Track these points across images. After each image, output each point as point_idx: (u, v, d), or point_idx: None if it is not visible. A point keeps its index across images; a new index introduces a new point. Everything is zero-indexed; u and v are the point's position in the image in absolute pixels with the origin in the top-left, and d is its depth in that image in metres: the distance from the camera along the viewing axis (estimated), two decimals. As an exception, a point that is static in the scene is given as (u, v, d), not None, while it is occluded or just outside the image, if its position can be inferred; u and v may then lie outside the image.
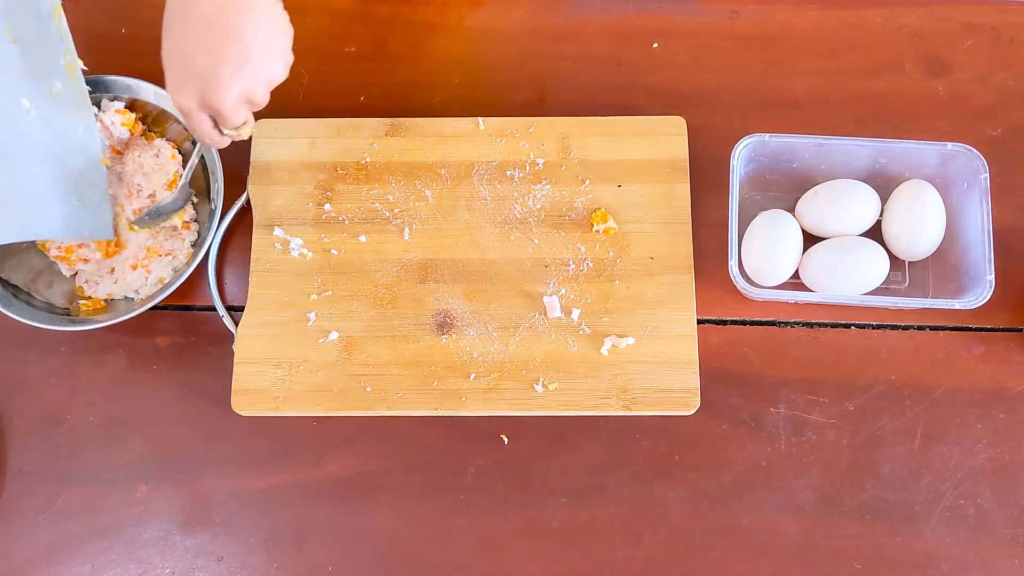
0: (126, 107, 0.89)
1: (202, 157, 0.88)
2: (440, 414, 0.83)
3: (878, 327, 0.86)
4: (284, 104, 0.93)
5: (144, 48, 0.95)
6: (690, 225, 0.86)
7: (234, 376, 0.84)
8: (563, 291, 0.85)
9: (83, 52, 0.95)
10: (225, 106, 0.70)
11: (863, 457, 0.82)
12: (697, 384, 0.82)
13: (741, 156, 0.83)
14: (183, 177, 0.85)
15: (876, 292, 0.83)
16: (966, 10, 0.94)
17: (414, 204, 0.88)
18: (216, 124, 0.75)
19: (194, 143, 0.90)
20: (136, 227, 0.86)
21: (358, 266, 0.87)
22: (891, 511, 0.81)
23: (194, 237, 0.89)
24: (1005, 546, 0.80)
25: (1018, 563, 0.80)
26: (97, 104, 0.89)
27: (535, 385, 0.82)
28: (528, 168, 0.89)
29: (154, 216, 0.86)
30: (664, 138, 0.89)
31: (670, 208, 0.87)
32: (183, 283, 0.84)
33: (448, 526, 0.82)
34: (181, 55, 0.69)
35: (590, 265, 0.86)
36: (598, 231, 0.86)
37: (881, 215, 0.86)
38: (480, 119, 0.90)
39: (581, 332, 0.84)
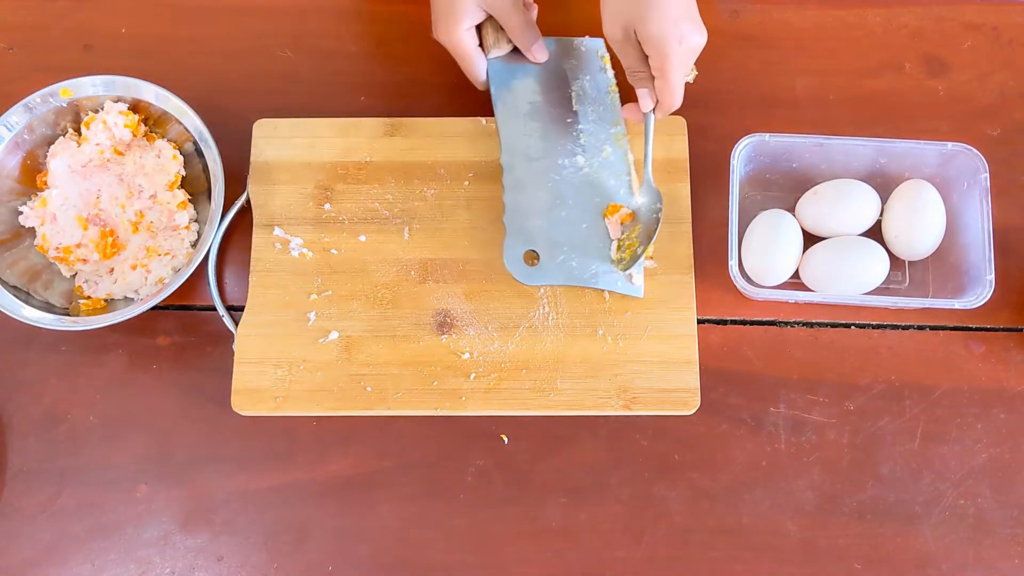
0: (129, 108, 0.90)
1: (204, 160, 0.88)
2: (440, 414, 0.83)
3: (878, 327, 0.86)
4: (284, 104, 0.93)
5: (145, 48, 0.96)
6: (690, 225, 0.86)
7: (234, 376, 0.84)
8: (562, 290, 0.85)
9: (84, 52, 0.96)
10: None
11: (863, 457, 0.82)
12: (697, 384, 0.82)
13: (741, 156, 0.83)
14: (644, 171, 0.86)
15: (876, 292, 0.83)
16: (966, 10, 0.94)
17: (414, 204, 0.88)
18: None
19: (194, 153, 0.89)
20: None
21: (358, 266, 0.87)
22: (891, 511, 0.81)
23: (194, 237, 0.89)
24: (1005, 546, 0.80)
25: (1018, 563, 0.80)
26: (100, 106, 0.90)
27: (535, 385, 0.82)
28: (528, 168, 0.89)
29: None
30: (664, 138, 0.89)
31: (670, 208, 0.87)
32: (183, 283, 0.84)
33: (448, 526, 0.82)
34: None
35: (590, 265, 0.86)
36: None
37: (881, 215, 0.86)
38: (480, 119, 0.90)
39: (581, 332, 0.84)
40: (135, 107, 0.90)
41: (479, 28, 0.87)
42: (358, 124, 0.91)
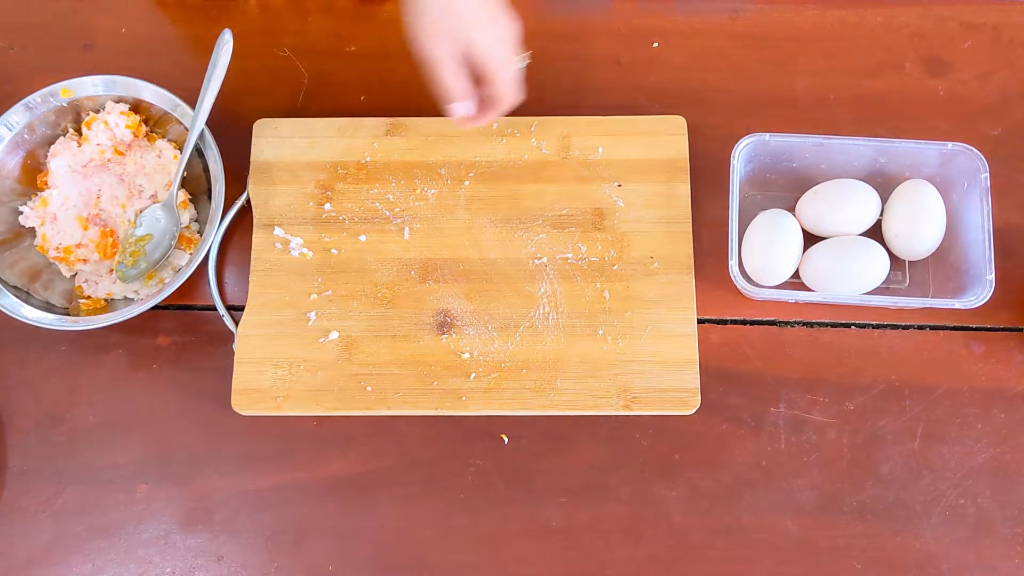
0: (130, 109, 0.90)
1: (204, 160, 0.89)
2: (440, 414, 0.83)
3: (878, 327, 0.86)
4: (284, 104, 0.93)
5: (145, 48, 0.96)
6: (690, 225, 0.87)
7: (234, 376, 0.84)
8: (562, 290, 0.85)
9: (84, 52, 0.96)
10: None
11: (863, 457, 0.82)
12: (697, 384, 0.82)
13: (741, 156, 0.83)
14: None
15: (876, 292, 0.83)
16: (966, 10, 0.94)
17: (414, 204, 0.88)
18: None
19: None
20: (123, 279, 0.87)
21: (358, 266, 0.87)
22: (891, 511, 0.81)
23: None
24: (1005, 546, 0.80)
25: (1018, 563, 0.79)
26: (100, 106, 0.90)
27: (535, 385, 0.82)
28: (528, 167, 0.89)
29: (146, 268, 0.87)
30: (664, 138, 0.89)
31: (670, 208, 0.87)
32: (183, 283, 0.84)
33: (448, 526, 0.82)
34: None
35: (590, 264, 0.86)
36: None
37: (881, 215, 0.86)
38: (480, 119, 0.90)
39: (581, 332, 0.84)
40: (136, 107, 0.90)
41: None
42: (358, 124, 0.91)
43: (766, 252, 0.83)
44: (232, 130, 0.90)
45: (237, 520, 0.82)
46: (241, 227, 0.90)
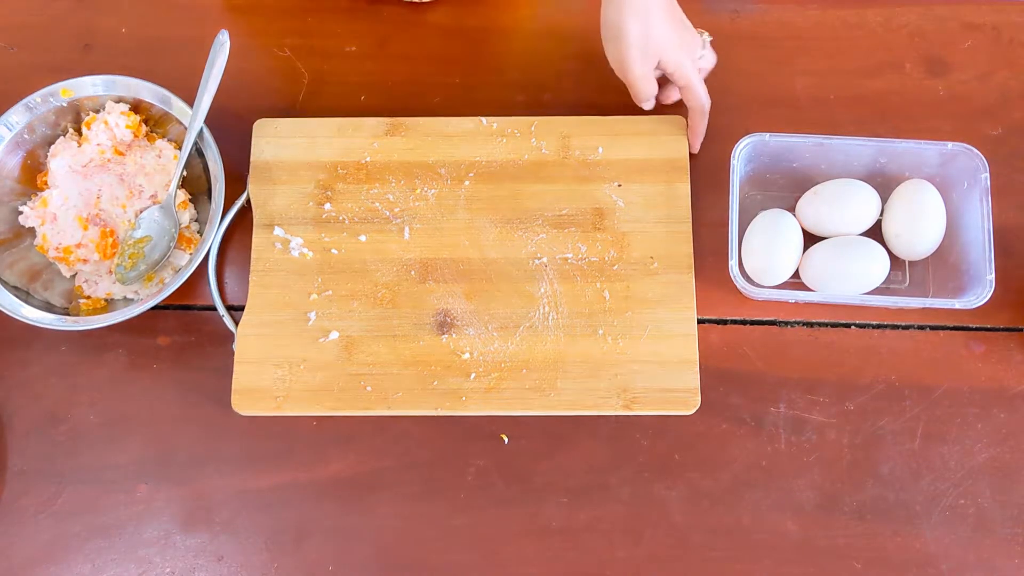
0: (130, 109, 0.90)
1: (204, 160, 0.89)
2: (440, 414, 0.83)
3: (878, 327, 0.86)
4: (284, 104, 0.93)
5: (145, 48, 0.96)
6: (690, 224, 0.87)
7: (234, 376, 0.84)
8: (562, 290, 0.85)
9: (84, 52, 0.96)
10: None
11: (863, 457, 0.82)
12: (697, 384, 0.82)
13: (741, 156, 0.83)
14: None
15: (876, 292, 0.83)
16: (966, 10, 0.94)
17: (414, 204, 0.88)
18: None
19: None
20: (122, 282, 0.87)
21: (358, 266, 0.87)
22: (891, 511, 0.81)
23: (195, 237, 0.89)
24: (1005, 546, 0.80)
25: (1018, 563, 0.80)
26: (100, 106, 0.90)
27: (535, 385, 0.82)
28: (528, 167, 0.89)
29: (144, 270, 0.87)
30: (664, 138, 0.89)
31: (670, 208, 0.87)
32: (183, 283, 0.84)
33: (448, 526, 0.82)
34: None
35: (590, 264, 0.86)
36: None
37: (881, 215, 0.86)
38: (481, 118, 0.90)
39: (581, 332, 0.84)
40: (136, 107, 0.90)
41: None
42: (358, 124, 0.91)
43: (766, 252, 0.83)
44: (232, 130, 0.90)
45: (237, 520, 0.82)
46: (241, 227, 0.90)
